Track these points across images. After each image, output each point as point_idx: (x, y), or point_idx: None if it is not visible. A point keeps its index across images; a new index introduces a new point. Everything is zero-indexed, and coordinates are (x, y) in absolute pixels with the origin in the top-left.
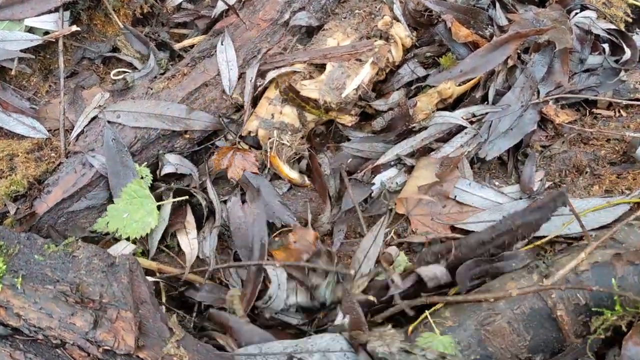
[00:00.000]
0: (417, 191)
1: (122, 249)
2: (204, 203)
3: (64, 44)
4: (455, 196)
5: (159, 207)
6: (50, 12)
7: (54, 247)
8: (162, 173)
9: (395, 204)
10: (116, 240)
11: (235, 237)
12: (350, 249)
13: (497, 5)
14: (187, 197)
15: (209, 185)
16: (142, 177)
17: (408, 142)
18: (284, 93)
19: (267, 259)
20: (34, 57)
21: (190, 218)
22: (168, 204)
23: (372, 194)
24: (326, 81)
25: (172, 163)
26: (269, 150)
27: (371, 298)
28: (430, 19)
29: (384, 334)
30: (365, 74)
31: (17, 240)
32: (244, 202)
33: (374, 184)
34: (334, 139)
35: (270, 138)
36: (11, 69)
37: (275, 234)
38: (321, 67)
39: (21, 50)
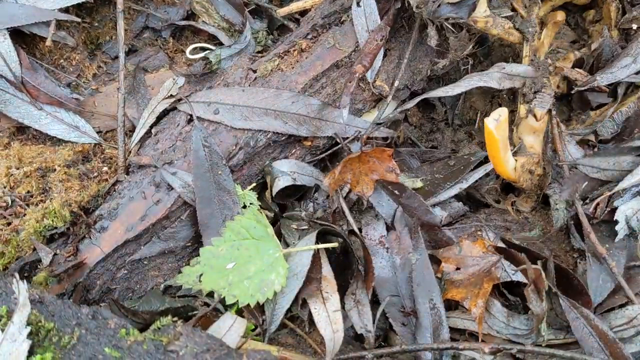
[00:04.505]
0: None
1: (228, 326)
2: (356, 250)
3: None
4: None
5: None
6: None
7: (136, 334)
8: (276, 190)
9: None
10: (217, 311)
11: (381, 292)
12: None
13: None
14: (337, 242)
15: (345, 209)
16: (244, 207)
17: None
18: None
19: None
20: (78, 20)
21: (327, 271)
22: (306, 252)
23: (616, 239)
24: None
25: (287, 172)
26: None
27: None
28: None
29: None
30: None
31: (77, 321)
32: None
33: (615, 221)
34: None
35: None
36: (44, 39)
37: None
38: None
39: (60, 10)
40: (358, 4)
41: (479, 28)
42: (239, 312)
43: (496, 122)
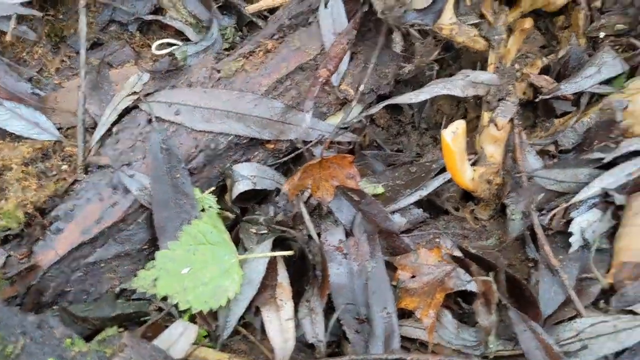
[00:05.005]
0: (635, 248)
1: (179, 334)
2: (310, 255)
3: None
4: None
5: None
6: None
7: (81, 344)
8: (235, 194)
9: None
10: (168, 315)
11: (337, 299)
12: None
13: None
14: (290, 251)
15: (305, 214)
16: (203, 210)
17: (624, 168)
18: None
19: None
20: (40, 14)
21: (283, 278)
22: (261, 259)
23: (570, 250)
24: None
25: (247, 176)
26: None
27: None
28: None
29: None
30: None
31: (22, 330)
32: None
33: (570, 233)
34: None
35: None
36: (5, 33)
37: None
38: None
39: (22, 4)
40: (326, 5)
41: (444, 35)
42: (193, 317)
43: (453, 134)
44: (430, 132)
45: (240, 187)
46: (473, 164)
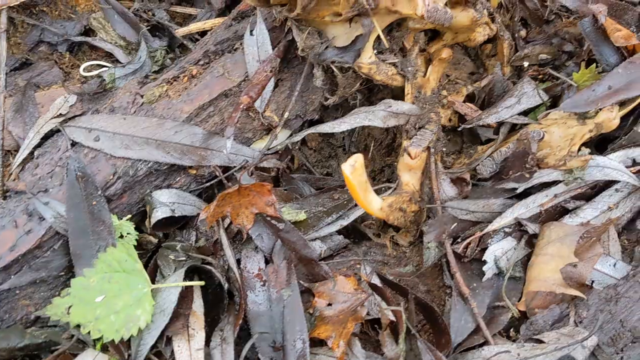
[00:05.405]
0: (546, 277)
1: None
2: (225, 284)
3: (11, 19)
4: (593, 282)
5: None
6: None
7: None
8: (153, 221)
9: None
10: (82, 343)
11: (254, 326)
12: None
13: None
14: (202, 282)
15: (224, 241)
16: (121, 236)
17: (536, 199)
18: None
19: None
20: None
21: (198, 307)
22: (174, 288)
23: (484, 278)
24: None
25: (166, 203)
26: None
27: None
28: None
29: None
30: None
31: None
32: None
33: (485, 261)
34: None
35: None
36: None
37: None
38: None
39: None
40: (251, 33)
41: (363, 74)
42: (106, 346)
43: (352, 167)
44: None
45: (158, 214)
46: (393, 191)
